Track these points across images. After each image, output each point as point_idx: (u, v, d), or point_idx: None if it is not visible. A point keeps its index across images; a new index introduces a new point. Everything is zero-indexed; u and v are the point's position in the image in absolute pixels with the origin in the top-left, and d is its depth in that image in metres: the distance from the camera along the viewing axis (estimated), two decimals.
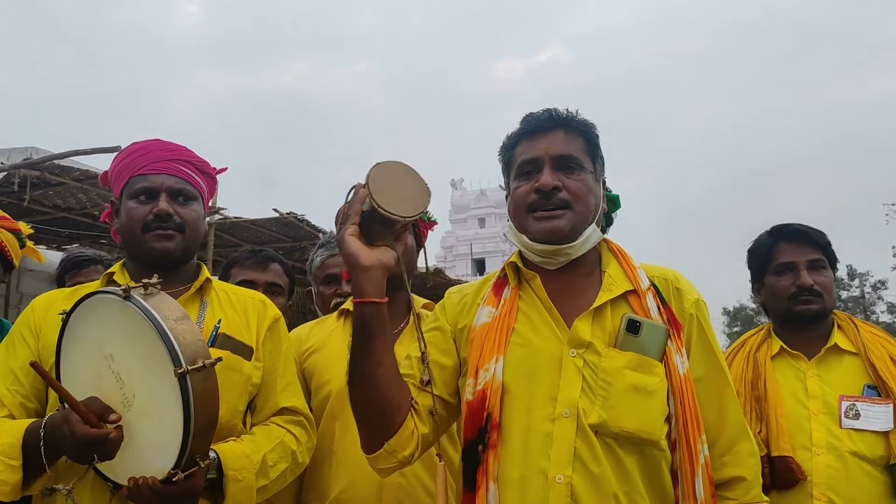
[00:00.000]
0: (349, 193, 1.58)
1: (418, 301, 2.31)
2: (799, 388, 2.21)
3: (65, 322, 1.64)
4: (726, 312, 43.57)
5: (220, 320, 1.86)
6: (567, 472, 1.46)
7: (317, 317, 2.59)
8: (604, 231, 2.36)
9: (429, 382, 1.63)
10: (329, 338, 2.30)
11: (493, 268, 1.94)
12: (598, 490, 1.46)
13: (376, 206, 1.50)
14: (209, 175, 2.01)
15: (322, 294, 2.72)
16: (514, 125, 1.73)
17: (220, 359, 1.55)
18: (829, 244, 2.34)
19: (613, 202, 2.35)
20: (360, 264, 1.51)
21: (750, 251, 2.47)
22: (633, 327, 1.55)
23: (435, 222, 2.52)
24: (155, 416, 1.51)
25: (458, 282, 11.41)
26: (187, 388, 1.45)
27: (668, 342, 1.56)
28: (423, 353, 1.64)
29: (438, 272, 11.02)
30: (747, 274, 2.51)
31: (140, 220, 1.84)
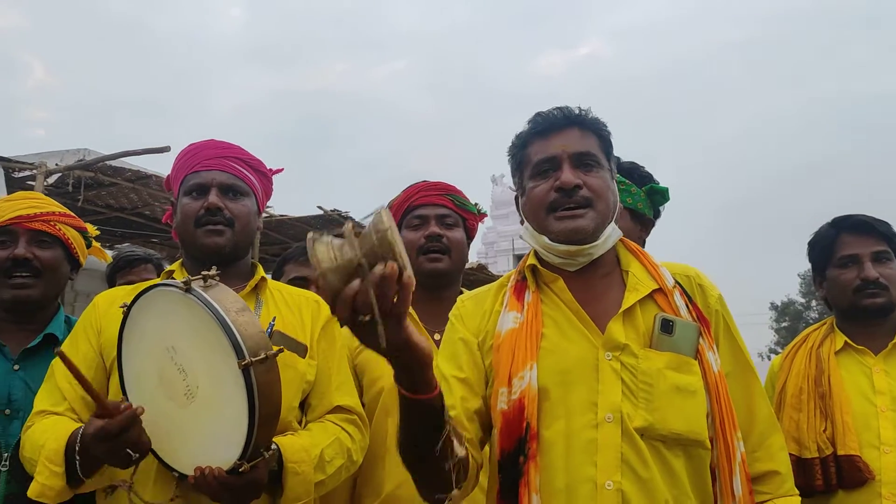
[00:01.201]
0: None
1: None
2: (865, 385, 2.15)
3: (126, 315, 1.66)
4: (774, 307, 42.58)
5: (274, 318, 1.88)
6: (616, 477, 1.43)
7: None
8: (652, 224, 2.34)
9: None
10: None
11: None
12: (649, 495, 1.43)
13: None
14: (263, 174, 2.03)
15: None
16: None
17: (281, 349, 1.55)
18: (894, 235, 2.27)
19: (662, 195, 2.33)
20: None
21: (811, 244, 2.41)
22: (667, 327, 1.53)
23: (484, 214, 2.52)
24: (219, 407, 1.53)
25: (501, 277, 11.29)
26: (251, 379, 1.46)
27: (700, 340, 1.54)
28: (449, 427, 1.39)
29: (482, 268, 10.99)
30: (795, 268, 2.45)
31: (192, 216, 1.90)
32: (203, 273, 1.57)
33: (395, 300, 1.08)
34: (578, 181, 1.57)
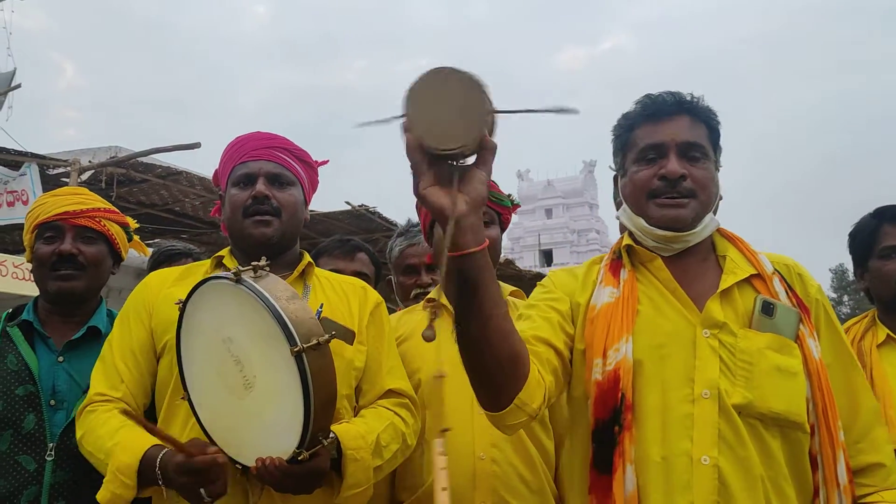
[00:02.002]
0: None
1: (506, 288, 2.30)
2: None
3: (182, 311, 1.68)
4: None
5: (322, 304, 1.88)
6: (713, 453, 1.43)
7: (396, 307, 2.61)
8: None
9: None
10: (417, 327, 2.31)
11: (561, 258, 1.89)
12: (747, 473, 1.43)
13: (428, 148, 1.24)
14: (309, 165, 2.04)
15: (402, 284, 2.73)
16: (578, 115, 1.65)
17: (333, 334, 1.55)
18: None
19: None
20: (447, 216, 1.25)
21: (852, 234, 2.38)
22: (768, 309, 1.53)
23: (518, 204, 2.50)
24: (276, 396, 1.54)
25: (529, 272, 11.33)
26: (304, 366, 1.47)
27: (801, 326, 1.53)
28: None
29: (509, 263, 10.97)
30: (826, 262, 2.42)
31: (240, 206, 1.90)
32: (253, 263, 1.58)
33: None
34: (684, 171, 1.56)
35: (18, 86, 9.29)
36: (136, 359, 1.86)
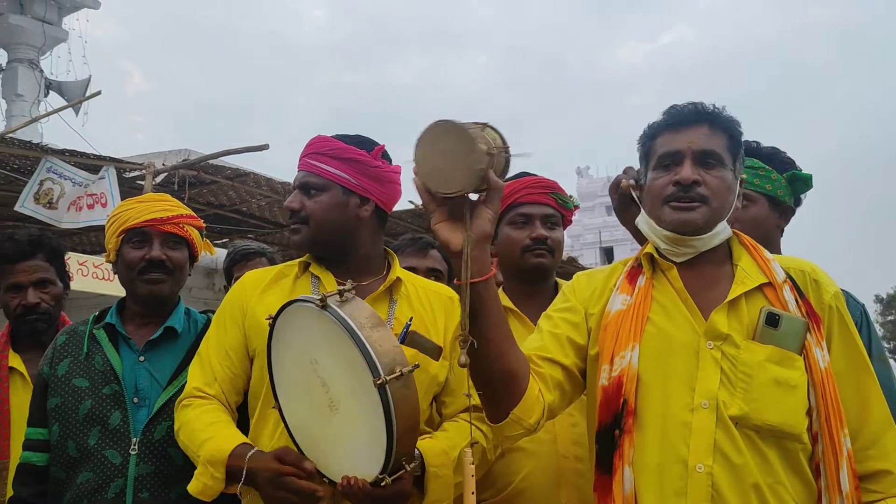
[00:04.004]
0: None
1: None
2: None
3: (272, 327, 1.72)
4: (879, 300, 40.42)
5: (411, 318, 1.89)
6: (707, 461, 1.49)
7: None
8: (792, 212, 2.26)
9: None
10: None
11: (622, 256, 1.91)
12: (739, 481, 1.47)
13: (432, 191, 1.41)
14: (354, 160, 1.95)
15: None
16: (637, 110, 1.67)
17: (416, 366, 1.56)
18: None
19: (804, 182, 2.23)
20: (453, 251, 1.44)
21: None
22: (773, 320, 1.55)
23: (577, 206, 2.50)
24: (359, 421, 1.56)
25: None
26: (387, 397, 1.47)
27: (808, 335, 1.55)
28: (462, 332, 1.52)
29: (572, 260, 10.88)
30: None
31: (284, 218, 1.99)
32: (339, 288, 1.60)
33: None
34: (697, 177, 1.60)
35: (98, 93, 9.60)
36: (230, 358, 1.93)
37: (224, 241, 8.87)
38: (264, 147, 6.81)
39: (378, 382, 1.46)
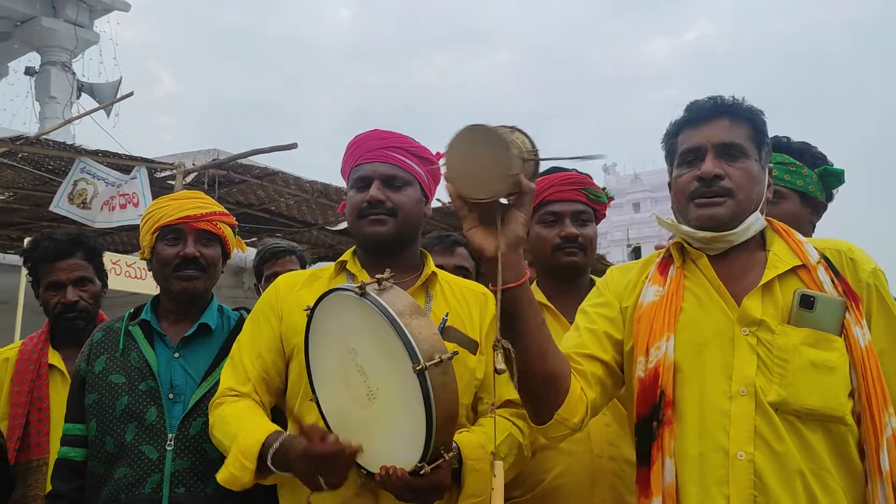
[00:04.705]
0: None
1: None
2: None
3: (310, 318, 1.73)
4: None
5: (447, 313, 1.90)
6: (749, 449, 1.48)
7: None
8: (824, 207, 2.24)
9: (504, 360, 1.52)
10: None
11: (650, 253, 1.90)
12: (783, 467, 1.47)
13: (464, 197, 1.42)
14: (428, 160, 2.02)
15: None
16: (661, 106, 1.66)
17: (455, 353, 1.55)
18: None
19: (836, 177, 2.21)
20: (487, 257, 1.45)
21: None
22: (807, 302, 1.54)
23: (612, 197, 2.48)
24: (399, 409, 1.55)
25: None
26: (426, 383, 1.47)
27: (846, 315, 1.53)
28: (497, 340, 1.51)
29: (600, 258, 10.82)
30: None
31: (356, 208, 1.96)
32: (378, 276, 1.59)
33: None
34: (719, 171, 1.59)
35: (131, 94, 9.70)
36: (263, 359, 1.93)
37: (253, 239, 8.94)
38: (293, 146, 6.85)
39: (417, 368, 1.46)
